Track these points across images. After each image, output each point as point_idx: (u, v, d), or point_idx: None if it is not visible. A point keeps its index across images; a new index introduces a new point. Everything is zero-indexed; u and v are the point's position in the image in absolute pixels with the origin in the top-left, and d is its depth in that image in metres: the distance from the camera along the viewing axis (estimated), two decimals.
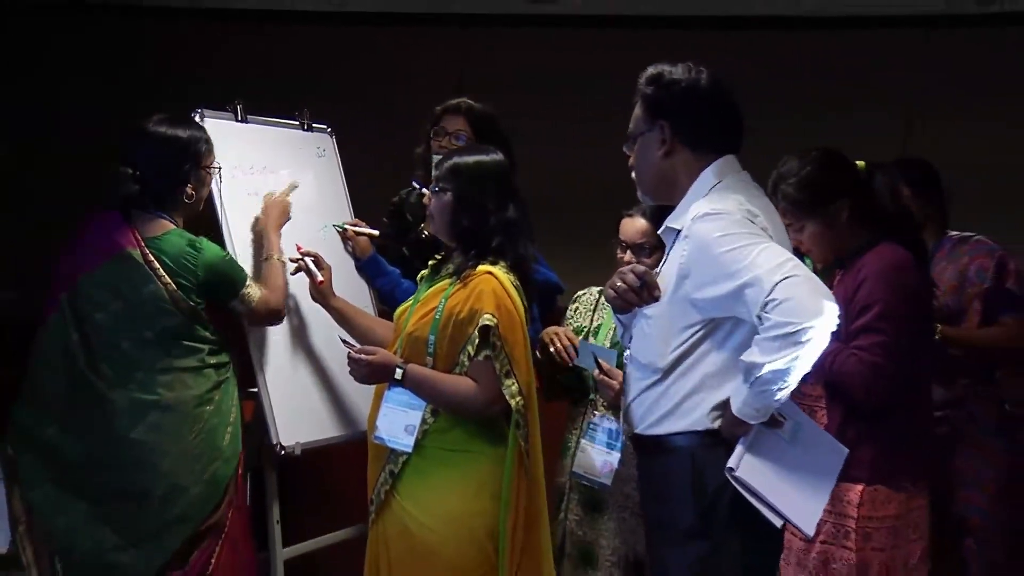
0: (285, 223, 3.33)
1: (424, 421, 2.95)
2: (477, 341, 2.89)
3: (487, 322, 2.85)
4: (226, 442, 3.10)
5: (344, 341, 3.10)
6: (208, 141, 3.18)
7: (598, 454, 3.30)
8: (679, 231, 2.59)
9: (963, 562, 3.47)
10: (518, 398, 2.89)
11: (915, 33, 6.73)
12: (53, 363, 3.05)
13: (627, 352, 2.75)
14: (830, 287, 3.03)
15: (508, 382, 2.88)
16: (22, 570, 3.05)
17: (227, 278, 3.09)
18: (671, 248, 2.65)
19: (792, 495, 2.48)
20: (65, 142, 6.14)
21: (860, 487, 2.88)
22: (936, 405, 3.41)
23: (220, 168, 3.23)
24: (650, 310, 2.59)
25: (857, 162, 3.10)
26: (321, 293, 3.34)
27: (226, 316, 3.20)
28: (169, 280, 3.01)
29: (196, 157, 3.12)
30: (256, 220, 3.39)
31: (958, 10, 6.56)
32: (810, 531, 2.56)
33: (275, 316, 3.27)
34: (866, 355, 2.85)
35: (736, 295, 2.41)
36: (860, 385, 2.85)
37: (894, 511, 2.92)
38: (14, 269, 5.38)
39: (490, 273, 2.92)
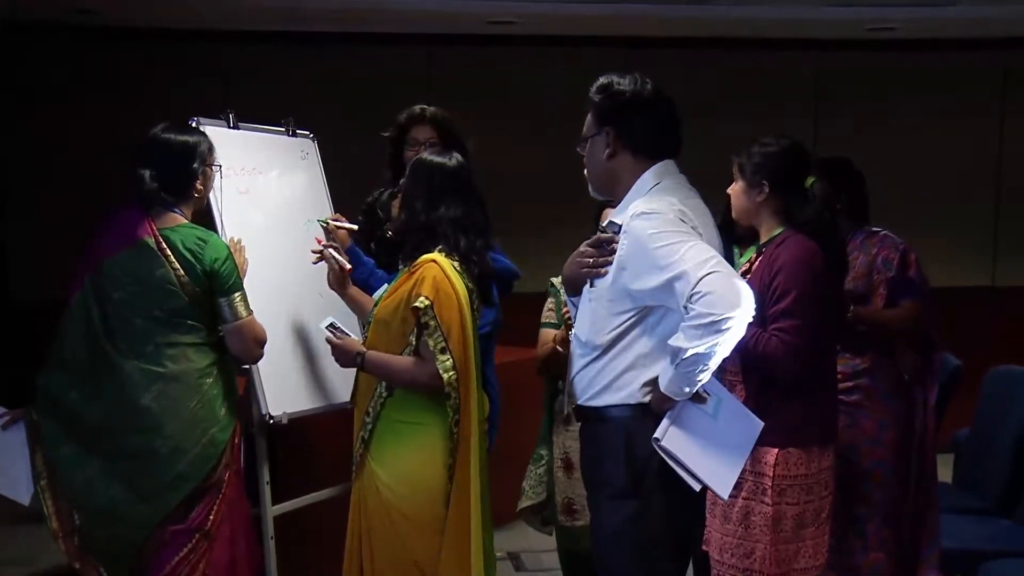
0: (244, 277, 3.23)
1: (380, 395, 2.95)
2: (417, 322, 2.86)
3: (417, 304, 2.83)
4: (223, 411, 3.07)
5: (328, 327, 3.06)
6: (210, 142, 3.18)
7: None
8: (620, 225, 2.56)
9: (868, 505, 3.50)
10: (451, 372, 2.85)
11: (809, 55, 6.80)
12: (77, 335, 3.03)
13: (572, 332, 2.73)
14: (749, 270, 3.04)
15: (442, 358, 2.84)
16: (44, 520, 3.04)
17: (224, 274, 3.03)
18: None
19: (711, 463, 2.48)
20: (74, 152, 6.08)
21: (776, 450, 2.88)
22: (848, 375, 3.46)
23: (221, 166, 3.21)
24: (592, 294, 2.57)
25: (809, 177, 3.07)
26: (340, 282, 3.28)
27: None
28: (178, 266, 3.00)
29: (202, 156, 3.12)
30: None
31: (849, 35, 6.62)
32: (724, 495, 2.55)
33: (258, 347, 3.14)
34: (787, 336, 2.84)
35: (666, 287, 2.39)
36: (784, 362, 2.84)
37: (804, 470, 2.92)
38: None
39: (434, 261, 2.90)
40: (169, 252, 3.00)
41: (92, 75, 6.21)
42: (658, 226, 2.44)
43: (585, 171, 2.73)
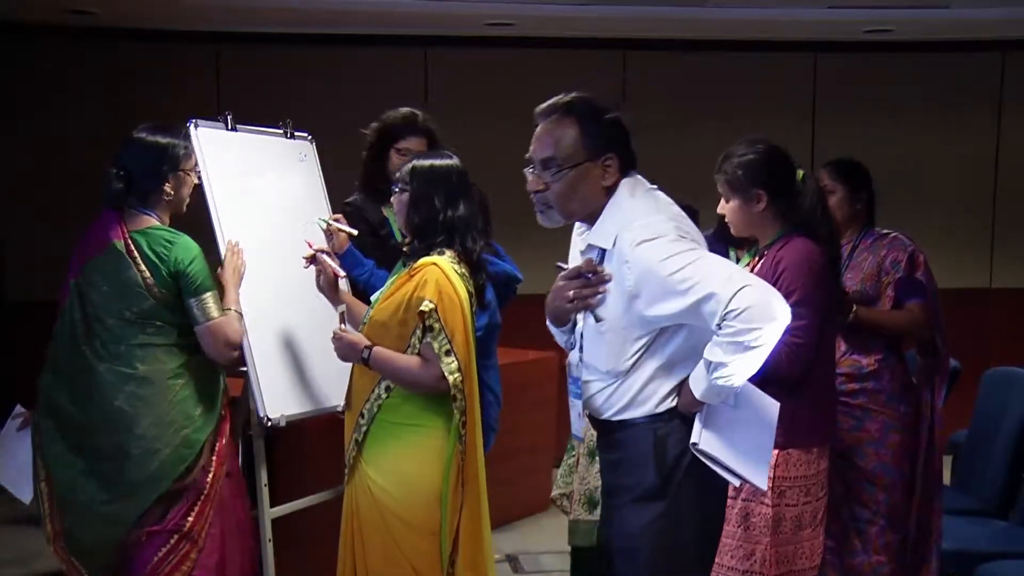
0: (241, 280, 3.25)
1: (379, 396, 2.94)
2: (421, 324, 2.86)
3: (424, 307, 2.83)
4: (198, 412, 3.08)
5: (342, 313, 3.06)
6: (187, 147, 3.15)
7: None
8: (602, 249, 2.50)
9: (872, 507, 3.50)
10: (456, 375, 2.85)
11: (807, 57, 6.80)
12: (64, 338, 3.07)
13: (579, 356, 2.62)
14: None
15: (447, 360, 2.84)
16: (41, 522, 3.09)
17: (190, 275, 3.03)
18: (600, 261, 2.53)
19: (745, 456, 2.46)
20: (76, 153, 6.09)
21: (776, 452, 2.87)
22: (853, 377, 3.48)
23: (199, 171, 3.19)
24: (603, 327, 2.51)
25: (798, 170, 3.08)
26: (332, 286, 3.25)
27: None
28: (144, 268, 3.02)
29: (174, 160, 3.10)
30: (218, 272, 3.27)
31: (847, 37, 6.64)
32: (763, 485, 2.54)
33: (230, 348, 3.09)
34: (789, 337, 2.83)
35: (693, 310, 2.35)
36: (785, 364, 2.84)
37: (804, 472, 2.94)
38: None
39: (435, 264, 2.89)
40: (136, 254, 3.02)
41: (88, 76, 6.21)
42: (666, 251, 2.38)
43: (548, 196, 2.54)
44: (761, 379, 2.89)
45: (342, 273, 3.28)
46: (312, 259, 3.25)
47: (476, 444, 2.94)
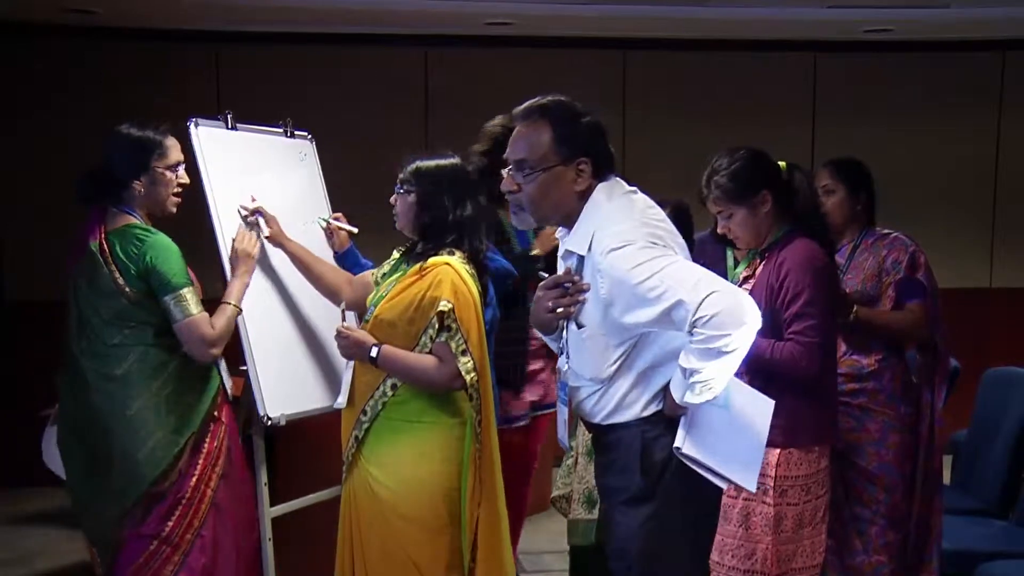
0: (252, 265, 3.25)
1: (384, 394, 2.94)
2: (437, 325, 2.87)
3: (443, 307, 2.84)
4: (176, 414, 3.05)
5: (343, 311, 3.05)
6: (163, 144, 3.10)
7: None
8: (579, 255, 2.49)
9: (873, 507, 3.50)
10: (472, 374, 2.87)
11: (806, 56, 6.80)
12: (67, 337, 3.10)
13: (567, 363, 2.61)
14: (752, 274, 3.05)
15: (464, 359, 2.86)
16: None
17: (162, 272, 3.01)
18: (576, 269, 2.52)
19: (733, 457, 2.45)
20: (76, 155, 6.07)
21: (777, 451, 2.89)
22: (854, 377, 3.48)
23: (179, 170, 3.15)
24: (585, 333, 2.51)
25: (779, 162, 3.08)
26: (274, 239, 3.37)
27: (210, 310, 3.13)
28: (115, 268, 3.01)
29: (144, 156, 3.06)
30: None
31: (846, 36, 6.63)
32: (752, 487, 2.52)
33: (206, 346, 3.03)
34: (803, 338, 2.87)
35: (663, 317, 2.34)
36: (803, 362, 2.86)
37: (805, 471, 2.94)
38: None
39: (448, 264, 2.90)
40: (108, 255, 3.01)
41: (88, 76, 6.20)
42: (635, 259, 2.36)
43: (521, 198, 2.53)
44: (763, 380, 2.90)
45: (266, 231, 3.35)
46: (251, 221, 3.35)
47: (492, 441, 2.96)
